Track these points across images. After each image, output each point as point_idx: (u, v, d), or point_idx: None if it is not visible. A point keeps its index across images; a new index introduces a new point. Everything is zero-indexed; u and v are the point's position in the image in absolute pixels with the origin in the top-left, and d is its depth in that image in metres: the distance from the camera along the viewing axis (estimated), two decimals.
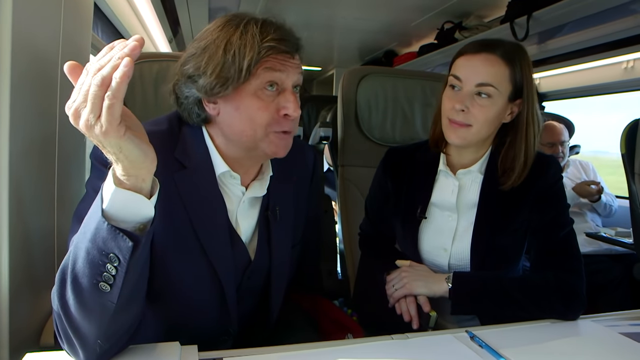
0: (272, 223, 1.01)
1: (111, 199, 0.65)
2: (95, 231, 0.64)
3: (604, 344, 0.93)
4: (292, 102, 0.87)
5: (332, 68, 5.91)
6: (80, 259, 0.66)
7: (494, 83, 1.05)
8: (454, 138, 1.10)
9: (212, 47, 0.85)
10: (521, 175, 1.11)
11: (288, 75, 0.87)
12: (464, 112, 1.07)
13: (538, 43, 2.66)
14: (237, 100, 0.86)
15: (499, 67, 1.06)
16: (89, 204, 0.77)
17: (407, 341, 0.90)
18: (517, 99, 1.09)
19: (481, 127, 1.08)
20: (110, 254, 0.65)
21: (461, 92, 1.08)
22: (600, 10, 2.10)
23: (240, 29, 0.84)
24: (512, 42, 1.10)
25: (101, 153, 0.80)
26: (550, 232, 1.11)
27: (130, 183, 0.66)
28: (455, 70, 1.11)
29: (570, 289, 1.04)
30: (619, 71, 2.75)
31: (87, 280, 0.66)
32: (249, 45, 0.82)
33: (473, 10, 2.96)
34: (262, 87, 0.86)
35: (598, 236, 2.39)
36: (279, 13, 0.93)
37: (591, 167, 2.81)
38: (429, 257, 1.20)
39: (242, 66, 0.82)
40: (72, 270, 0.67)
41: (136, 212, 0.67)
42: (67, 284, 0.67)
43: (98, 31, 2.10)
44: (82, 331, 0.70)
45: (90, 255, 0.65)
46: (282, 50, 0.85)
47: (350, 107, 1.69)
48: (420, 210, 1.19)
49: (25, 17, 0.93)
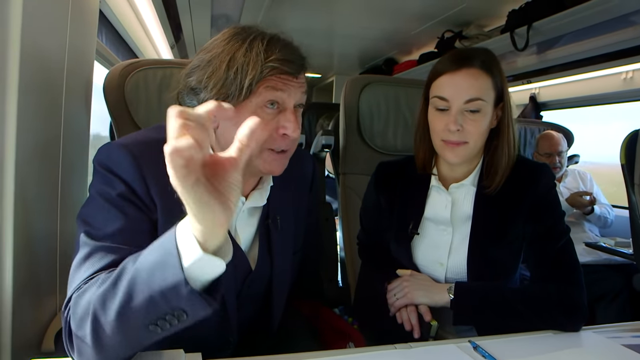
0: (272, 232, 1.00)
1: (194, 262, 0.60)
2: (171, 288, 0.61)
3: (606, 355, 0.93)
4: (292, 122, 0.87)
5: (332, 75, 5.93)
6: (139, 301, 0.63)
7: (481, 96, 1.05)
8: (453, 157, 1.09)
9: (216, 61, 0.85)
10: (503, 177, 1.11)
11: (290, 95, 0.87)
12: (459, 131, 1.06)
13: (538, 53, 2.69)
14: (237, 117, 0.84)
15: (482, 79, 1.06)
16: (93, 208, 0.79)
17: (410, 351, 0.90)
18: (499, 103, 1.10)
19: (477, 140, 1.08)
20: (180, 311, 0.62)
21: (451, 112, 1.07)
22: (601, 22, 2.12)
23: (246, 45, 0.84)
24: (483, 50, 1.10)
25: (104, 158, 0.82)
26: (548, 242, 1.11)
27: (213, 247, 0.61)
28: (438, 91, 1.09)
29: (571, 301, 1.04)
30: (619, 82, 2.77)
31: (139, 321, 0.64)
32: (252, 64, 0.82)
33: (473, 19, 2.98)
34: (262, 105, 0.85)
35: (597, 246, 2.39)
36: (281, 20, 0.93)
37: (589, 177, 2.81)
38: (425, 271, 1.20)
39: (244, 84, 0.82)
40: (123, 305, 0.64)
41: (212, 273, 0.63)
42: (110, 312, 0.65)
43: (102, 37, 2.11)
44: (109, 352, 0.68)
45: (154, 304, 0.62)
46: (285, 71, 0.85)
47: (352, 116, 1.70)
48: (412, 226, 1.19)
49: (33, 23, 0.94)
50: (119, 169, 0.82)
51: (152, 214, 0.84)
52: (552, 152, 2.67)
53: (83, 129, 1.33)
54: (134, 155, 0.83)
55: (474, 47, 2.51)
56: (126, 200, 0.81)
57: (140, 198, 0.83)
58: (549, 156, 2.67)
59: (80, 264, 0.76)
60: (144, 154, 0.83)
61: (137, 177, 0.82)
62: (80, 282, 0.74)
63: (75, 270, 0.77)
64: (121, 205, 0.81)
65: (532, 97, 3.64)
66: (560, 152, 2.67)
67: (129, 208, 0.81)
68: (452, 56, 1.09)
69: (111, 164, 0.83)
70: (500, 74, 1.08)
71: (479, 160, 1.17)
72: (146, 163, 0.83)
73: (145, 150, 0.84)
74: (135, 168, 0.82)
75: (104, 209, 0.80)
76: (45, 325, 1.08)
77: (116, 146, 0.85)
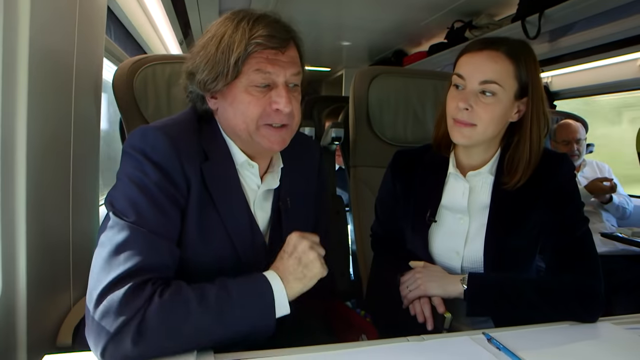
0: (283, 214, 1.03)
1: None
2: (261, 326, 0.83)
3: (624, 346, 0.91)
4: (284, 97, 0.89)
5: (341, 69, 5.90)
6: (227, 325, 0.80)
7: (498, 80, 1.03)
8: (459, 137, 1.08)
9: (208, 44, 0.89)
10: (524, 176, 1.09)
11: (278, 71, 0.89)
12: (468, 111, 1.05)
13: (550, 41, 2.64)
14: (231, 96, 0.90)
15: (502, 63, 1.04)
16: (123, 192, 0.82)
17: (423, 343, 0.89)
18: (523, 96, 1.07)
19: (487, 126, 1.06)
20: None
21: (465, 91, 1.06)
22: (614, 7, 2.07)
23: (233, 25, 0.87)
24: (517, 40, 1.08)
25: (138, 141, 0.85)
26: (566, 232, 1.09)
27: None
28: (458, 68, 1.09)
29: (588, 290, 1.03)
30: (634, 68, 2.71)
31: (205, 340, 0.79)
32: (237, 42, 0.85)
33: (484, 8, 2.94)
34: (252, 83, 0.88)
35: (614, 236, 2.34)
36: (288, 13, 0.94)
37: (607, 169, 2.76)
38: (441, 260, 1.19)
39: (231, 62, 0.85)
40: (203, 325, 0.78)
41: None
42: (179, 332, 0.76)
43: (111, 34, 2.12)
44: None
45: (236, 334, 0.81)
46: (270, 46, 0.87)
47: (362, 108, 1.69)
48: (430, 214, 1.18)
49: (41, 22, 0.94)
50: (153, 152, 0.84)
51: (182, 199, 0.87)
52: (571, 140, 2.63)
53: (93, 126, 1.33)
54: (170, 137, 0.86)
55: None
56: (158, 187, 0.83)
57: (174, 182, 0.85)
58: (567, 144, 2.63)
59: (113, 255, 0.77)
60: (179, 135, 0.88)
61: (173, 157, 0.85)
62: (115, 276, 0.75)
63: (105, 259, 0.77)
64: (153, 192, 0.83)
65: (544, 86, 3.58)
66: (578, 139, 2.64)
67: (160, 195, 0.83)
68: (483, 38, 1.09)
69: (146, 147, 0.85)
70: (528, 66, 1.05)
71: (496, 150, 1.15)
72: (181, 143, 0.87)
73: (178, 131, 0.89)
74: (172, 148, 0.85)
75: (134, 193, 0.82)
76: (60, 320, 1.09)
77: (151, 129, 0.87)
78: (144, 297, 0.75)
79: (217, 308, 0.78)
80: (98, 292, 0.75)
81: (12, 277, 0.91)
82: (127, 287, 0.75)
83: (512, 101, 1.07)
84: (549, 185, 1.10)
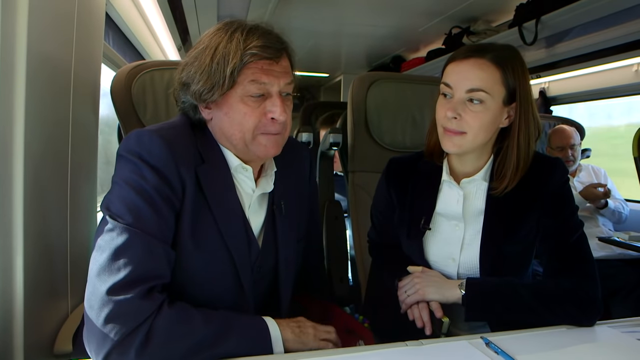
0: (277, 217, 1.04)
1: None
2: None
3: (621, 350, 0.92)
4: (279, 107, 0.91)
5: (339, 74, 5.91)
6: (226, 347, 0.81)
7: (485, 88, 1.03)
8: (450, 146, 1.09)
9: (202, 55, 0.90)
10: (513, 181, 1.09)
11: (272, 81, 0.91)
12: (456, 120, 1.05)
13: (546, 47, 2.65)
14: (226, 106, 0.91)
15: (489, 71, 1.04)
16: (120, 196, 0.82)
17: (421, 348, 0.89)
18: (512, 102, 1.07)
19: (476, 133, 1.06)
20: None
21: (453, 100, 1.07)
22: (610, 13, 2.09)
23: (227, 36, 0.88)
24: (504, 45, 1.09)
25: (134, 145, 0.86)
26: (561, 236, 1.10)
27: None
28: (445, 77, 1.09)
29: (585, 294, 1.03)
30: (630, 74, 2.73)
31: None
32: (233, 53, 0.87)
33: (481, 15, 2.95)
34: (247, 93, 0.89)
35: (611, 240, 2.35)
36: (287, 20, 0.96)
37: (603, 173, 2.77)
38: (437, 267, 1.19)
39: (226, 73, 0.87)
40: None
41: None
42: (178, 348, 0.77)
43: (109, 40, 2.12)
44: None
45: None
46: (264, 56, 0.88)
47: (360, 113, 1.69)
48: (424, 222, 1.18)
49: (39, 28, 0.95)
50: (150, 155, 0.85)
51: (177, 202, 0.87)
52: (565, 146, 2.63)
53: (91, 132, 1.33)
54: (165, 139, 0.87)
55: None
56: (155, 190, 0.84)
57: (170, 184, 0.86)
58: (561, 150, 2.64)
59: (112, 259, 0.77)
60: (175, 138, 0.89)
61: (169, 160, 0.86)
62: (114, 282, 0.76)
63: (105, 263, 0.77)
64: (151, 195, 0.83)
65: (541, 91, 3.60)
66: (573, 145, 2.64)
67: (158, 198, 0.84)
68: (469, 46, 1.09)
69: (142, 150, 0.85)
70: (515, 72, 1.05)
71: (489, 156, 1.15)
72: (177, 146, 0.88)
73: (174, 135, 0.90)
74: (168, 151, 0.86)
75: (131, 197, 0.82)
76: (58, 327, 1.09)
77: (146, 132, 0.88)
78: (154, 306, 0.76)
79: (221, 327, 0.82)
80: (99, 296, 0.75)
81: (9, 284, 0.90)
82: (135, 294, 0.75)
83: (501, 107, 1.07)
84: (542, 190, 1.11)
